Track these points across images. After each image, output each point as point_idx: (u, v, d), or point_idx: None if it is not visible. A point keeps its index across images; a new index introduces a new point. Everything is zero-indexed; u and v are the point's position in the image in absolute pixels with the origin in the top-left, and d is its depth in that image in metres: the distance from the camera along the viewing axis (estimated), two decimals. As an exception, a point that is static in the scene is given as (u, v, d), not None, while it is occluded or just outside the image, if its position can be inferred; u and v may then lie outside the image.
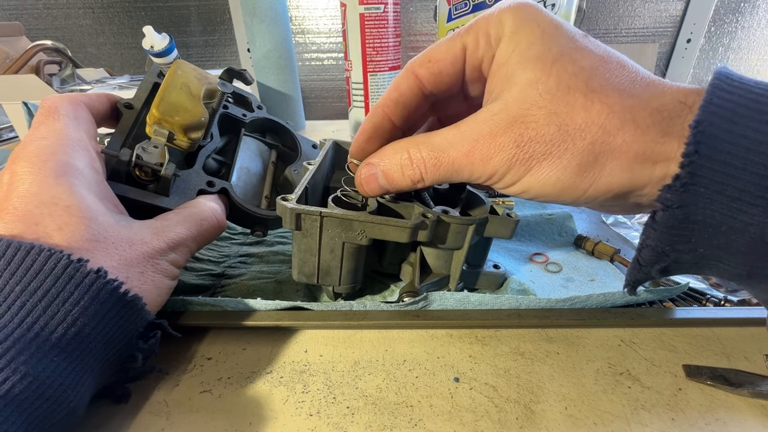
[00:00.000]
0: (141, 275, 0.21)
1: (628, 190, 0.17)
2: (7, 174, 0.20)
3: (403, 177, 0.20)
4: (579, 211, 0.42)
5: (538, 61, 0.16)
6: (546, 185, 0.17)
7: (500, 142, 0.17)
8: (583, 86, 0.16)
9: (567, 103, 0.16)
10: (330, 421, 0.20)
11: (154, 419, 0.21)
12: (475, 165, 0.18)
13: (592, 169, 0.16)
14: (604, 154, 0.16)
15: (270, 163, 0.36)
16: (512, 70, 0.17)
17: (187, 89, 0.28)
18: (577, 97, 0.16)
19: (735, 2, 0.82)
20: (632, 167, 0.16)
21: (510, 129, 0.17)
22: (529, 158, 0.17)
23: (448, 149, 0.18)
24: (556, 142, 0.16)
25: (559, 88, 0.16)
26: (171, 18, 0.91)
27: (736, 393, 0.21)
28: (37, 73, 0.69)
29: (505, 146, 0.17)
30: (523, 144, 0.17)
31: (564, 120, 0.16)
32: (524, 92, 0.17)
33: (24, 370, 0.16)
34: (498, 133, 0.17)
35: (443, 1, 0.55)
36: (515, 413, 0.21)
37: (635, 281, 0.19)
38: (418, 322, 0.25)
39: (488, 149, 0.17)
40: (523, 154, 0.17)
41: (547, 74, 0.16)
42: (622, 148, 0.15)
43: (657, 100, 0.15)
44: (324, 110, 0.98)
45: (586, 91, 0.16)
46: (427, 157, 0.19)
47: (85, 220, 0.20)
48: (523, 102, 0.17)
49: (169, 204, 0.26)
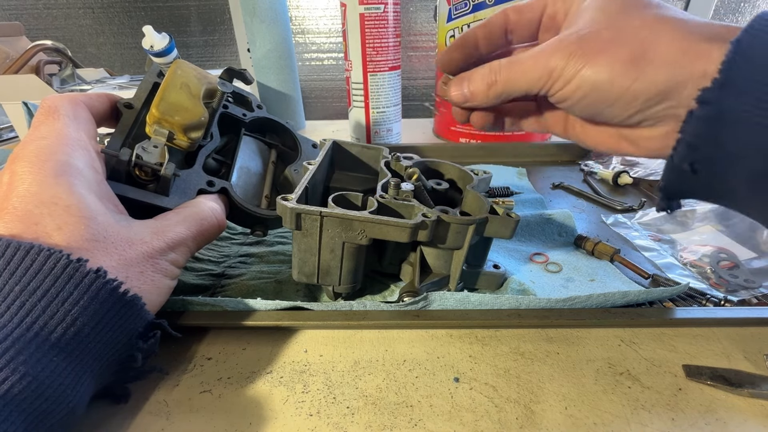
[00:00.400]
0: (141, 275, 0.21)
1: (670, 88, 0.18)
2: (6, 174, 0.20)
3: (481, 83, 0.23)
4: (579, 211, 0.42)
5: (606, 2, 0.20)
6: (600, 77, 0.19)
7: (564, 44, 0.20)
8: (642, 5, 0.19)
9: (626, 15, 0.19)
10: (330, 421, 0.20)
11: (154, 419, 0.21)
12: (539, 63, 0.20)
13: (641, 61, 0.18)
14: (653, 49, 0.18)
15: (270, 162, 0.35)
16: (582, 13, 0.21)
17: (187, 89, 0.28)
18: (634, 12, 0.19)
19: (735, 2, 0.82)
20: (676, 62, 0.17)
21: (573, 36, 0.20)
22: (587, 53, 0.19)
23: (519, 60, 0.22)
24: (613, 40, 0.19)
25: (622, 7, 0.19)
26: (171, 18, 0.91)
27: (736, 393, 0.21)
28: (37, 73, 0.69)
29: (568, 45, 0.20)
30: (583, 42, 0.19)
31: (621, 25, 0.19)
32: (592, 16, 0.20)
33: (23, 369, 0.16)
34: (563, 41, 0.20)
35: (443, 1, 0.55)
36: (515, 413, 0.21)
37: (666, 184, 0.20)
38: (418, 322, 0.25)
39: (553, 50, 0.20)
40: (582, 50, 0.19)
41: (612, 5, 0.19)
42: (669, 45, 0.17)
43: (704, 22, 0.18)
44: (324, 110, 0.98)
45: (642, 8, 0.19)
46: (503, 65, 0.22)
47: (84, 219, 0.20)
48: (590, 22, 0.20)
49: (169, 204, 0.26)
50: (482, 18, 0.51)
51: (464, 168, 0.33)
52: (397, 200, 0.26)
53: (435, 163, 0.34)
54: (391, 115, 0.60)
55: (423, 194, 0.29)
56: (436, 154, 0.54)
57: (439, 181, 0.32)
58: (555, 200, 0.45)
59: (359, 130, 0.61)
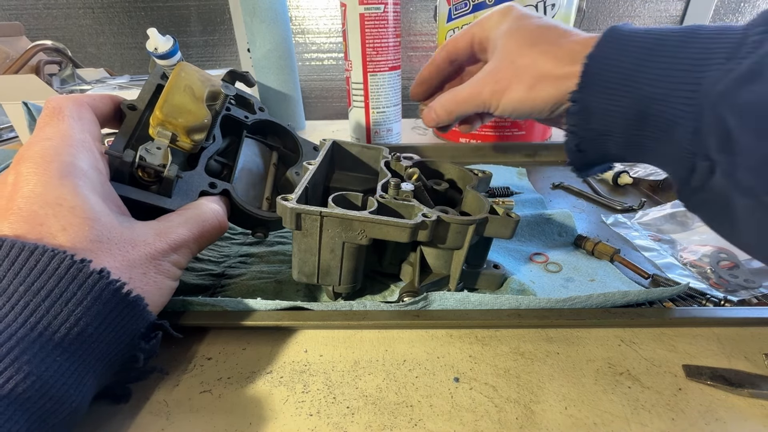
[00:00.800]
0: (143, 276, 0.21)
1: (557, 100, 0.26)
2: (12, 174, 0.20)
3: (441, 110, 0.32)
4: (579, 211, 0.42)
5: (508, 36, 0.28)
6: (513, 101, 0.27)
7: (486, 82, 0.29)
8: (530, 43, 0.27)
9: (520, 54, 0.27)
10: (330, 421, 0.20)
11: (154, 419, 0.21)
12: (474, 96, 0.30)
13: (536, 87, 0.26)
14: (541, 78, 0.26)
15: (271, 164, 0.36)
16: (496, 43, 0.28)
17: (190, 91, 0.28)
18: (525, 50, 0.27)
19: (735, 2, 0.82)
20: (556, 83, 0.25)
21: (492, 74, 0.28)
22: (502, 87, 0.28)
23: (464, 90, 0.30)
24: (516, 76, 0.27)
25: (517, 46, 0.27)
26: (171, 18, 0.91)
27: (736, 393, 0.21)
28: (37, 73, 0.69)
29: (488, 83, 0.28)
30: (497, 80, 0.28)
31: (518, 64, 0.27)
32: (500, 53, 0.28)
33: (27, 369, 0.16)
34: (484, 78, 0.29)
35: (443, 1, 0.55)
36: (515, 413, 0.21)
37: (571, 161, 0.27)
38: (418, 322, 0.25)
39: (482, 86, 0.29)
40: (498, 85, 0.28)
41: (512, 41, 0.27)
42: (550, 73, 0.25)
43: (573, 45, 0.25)
44: (324, 110, 0.98)
45: (531, 46, 0.26)
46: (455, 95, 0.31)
47: (88, 220, 0.20)
48: (499, 60, 0.28)
49: (172, 205, 0.26)
50: (482, 18, 0.52)
51: (464, 168, 0.33)
52: (397, 200, 0.26)
53: (435, 163, 0.34)
54: (391, 115, 0.60)
55: (423, 194, 0.29)
56: (436, 154, 0.54)
57: (439, 181, 0.33)
58: (555, 200, 0.45)
59: (359, 130, 0.61)
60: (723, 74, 0.19)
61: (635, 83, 0.22)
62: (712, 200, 0.21)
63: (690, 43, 0.20)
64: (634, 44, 0.22)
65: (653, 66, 0.21)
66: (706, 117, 0.19)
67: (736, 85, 0.18)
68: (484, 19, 0.30)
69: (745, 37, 0.19)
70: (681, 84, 0.20)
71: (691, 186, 0.22)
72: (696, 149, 0.20)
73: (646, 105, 0.21)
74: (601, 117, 0.23)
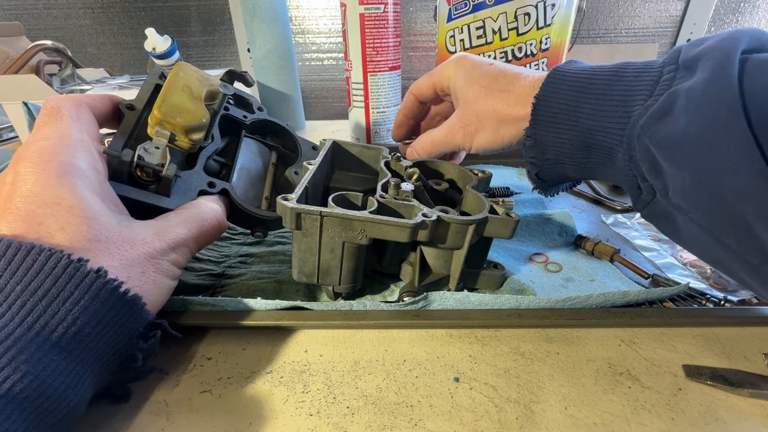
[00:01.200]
0: (142, 275, 0.21)
1: (519, 137, 0.29)
2: (10, 174, 0.20)
3: (422, 151, 0.35)
4: (579, 211, 0.42)
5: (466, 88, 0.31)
6: (484, 143, 0.31)
7: (456, 129, 0.32)
8: (485, 93, 0.30)
9: (478, 104, 0.30)
10: (330, 421, 0.20)
11: (154, 419, 0.21)
12: (449, 139, 0.33)
13: (499, 131, 0.30)
14: (501, 122, 0.29)
15: (270, 164, 0.36)
16: (456, 93, 0.32)
17: (188, 91, 0.28)
18: (481, 100, 0.30)
19: (735, 2, 0.82)
20: (515, 124, 0.28)
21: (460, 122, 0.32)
22: (470, 133, 0.31)
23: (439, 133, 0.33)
24: (479, 122, 0.30)
25: (474, 96, 0.30)
26: (171, 18, 0.91)
27: (736, 393, 0.21)
28: (37, 73, 0.69)
29: (459, 130, 0.32)
30: (465, 127, 0.31)
31: (478, 112, 0.30)
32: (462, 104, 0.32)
33: (25, 368, 0.16)
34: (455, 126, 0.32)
35: (443, 1, 0.55)
36: (515, 413, 0.21)
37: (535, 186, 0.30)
38: (418, 322, 0.25)
39: (454, 132, 0.32)
40: (467, 132, 0.31)
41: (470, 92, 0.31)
42: (508, 116, 0.29)
43: (522, 89, 0.28)
44: (324, 110, 0.98)
45: (486, 95, 0.30)
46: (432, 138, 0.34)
47: (87, 220, 0.20)
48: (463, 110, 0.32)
49: (170, 204, 0.26)
50: (482, 18, 0.52)
51: (464, 168, 0.33)
52: (397, 200, 0.26)
53: (435, 163, 0.34)
54: (391, 115, 0.60)
55: (423, 194, 0.29)
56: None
57: (439, 181, 0.33)
58: (555, 200, 0.45)
59: (359, 130, 0.61)
60: (644, 110, 0.21)
61: (576, 117, 0.24)
62: (660, 213, 0.23)
63: (617, 81, 0.23)
64: (571, 83, 0.25)
65: (588, 102, 0.24)
66: (635, 146, 0.22)
67: (653, 120, 0.20)
68: (442, 68, 0.34)
69: (660, 75, 0.22)
70: (613, 118, 0.23)
71: (641, 200, 0.24)
72: (635, 173, 0.23)
73: (588, 135, 0.24)
74: (553, 148, 0.26)
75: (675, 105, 0.20)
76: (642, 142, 0.21)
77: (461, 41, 0.55)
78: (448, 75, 0.33)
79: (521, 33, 0.51)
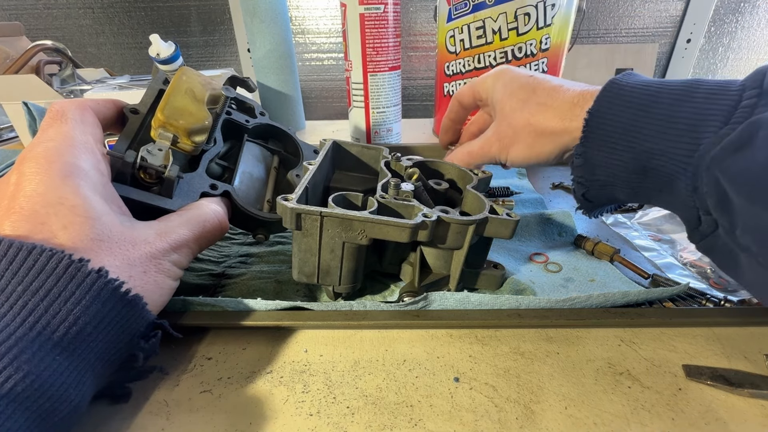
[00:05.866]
0: (143, 275, 0.21)
1: (558, 153, 0.29)
2: (14, 174, 0.20)
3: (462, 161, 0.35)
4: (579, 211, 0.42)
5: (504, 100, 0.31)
6: (519, 156, 0.31)
7: (492, 141, 0.32)
8: (521, 106, 0.30)
9: (514, 117, 0.30)
10: (330, 421, 0.20)
11: (154, 419, 0.21)
12: (485, 152, 0.33)
13: (535, 146, 0.29)
14: (538, 136, 0.29)
15: (272, 168, 0.36)
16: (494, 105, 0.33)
17: (191, 94, 0.28)
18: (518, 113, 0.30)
19: (735, 2, 0.82)
20: (553, 138, 0.28)
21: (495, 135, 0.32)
22: (505, 146, 0.31)
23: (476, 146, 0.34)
24: (515, 135, 0.30)
25: (511, 109, 0.30)
26: (171, 18, 0.91)
27: (736, 393, 0.21)
28: (37, 73, 0.69)
29: (495, 143, 0.32)
30: (501, 139, 0.32)
31: (514, 125, 0.30)
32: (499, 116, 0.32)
33: (26, 368, 0.16)
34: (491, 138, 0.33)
35: (443, 1, 0.55)
36: (515, 413, 0.21)
37: (580, 206, 0.29)
38: (418, 322, 0.25)
39: (490, 145, 0.33)
40: (502, 145, 0.32)
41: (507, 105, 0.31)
42: (545, 130, 0.28)
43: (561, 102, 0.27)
44: (324, 110, 0.98)
45: (522, 108, 0.30)
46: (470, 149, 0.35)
47: (89, 220, 0.20)
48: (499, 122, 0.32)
49: (173, 206, 0.26)
50: (482, 18, 0.52)
51: (464, 168, 0.33)
52: (397, 200, 0.26)
53: (435, 163, 0.34)
54: (391, 115, 0.60)
55: (423, 194, 0.29)
56: (436, 154, 0.54)
57: (439, 181, 0.33)
58: (555, 200, 0.45)
59: (359, 130, 0.61)
60: (717, 139, 0.19)
61: (635, 138, 0.22)
62: (720, 248, 0.21)
63: (685, 102, 0.21)
64: (631, 99, 0.23)
65: (651, 123, 0.22)
66: (703, 177, 0.20)
67: (729, 152, 0.19)
68: (483, 79, 0.34)
69: (739, 100, 0.19)
70: (678, 143, 0.21)
71: (698, 231, 0.22)
72: (698, 205, 0.21)
73: (646, 158, 0.22)
74: (605, 169, 0.24)
75: (756, 136, 0.18)
76: (712, 174, 0.19)
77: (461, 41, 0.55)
78: (486, 86, 0.33)
79: (521, 33, 0.51)
